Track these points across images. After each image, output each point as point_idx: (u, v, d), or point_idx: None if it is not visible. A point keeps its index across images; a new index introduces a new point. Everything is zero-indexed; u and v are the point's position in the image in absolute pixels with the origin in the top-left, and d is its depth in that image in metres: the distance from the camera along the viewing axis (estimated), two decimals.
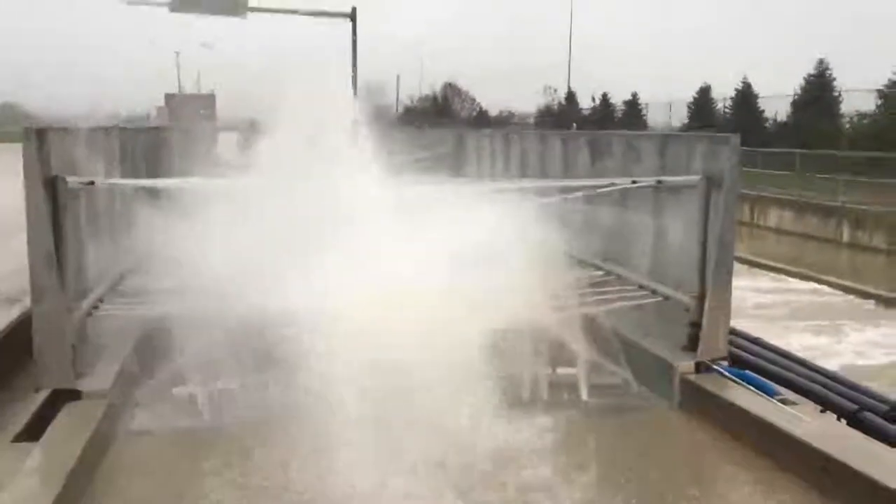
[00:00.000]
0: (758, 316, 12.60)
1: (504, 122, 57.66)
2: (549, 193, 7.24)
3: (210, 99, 50.17)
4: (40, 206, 4.93)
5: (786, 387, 7.12)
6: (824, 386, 6.98)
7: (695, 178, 6.24)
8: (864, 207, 20.55)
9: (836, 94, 35.12)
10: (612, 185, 7.10)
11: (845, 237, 20.68)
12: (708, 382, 5.87)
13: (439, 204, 6.79)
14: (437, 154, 13.58)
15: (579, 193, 7.32)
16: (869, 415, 6.43)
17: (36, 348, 4.99)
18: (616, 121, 49.62)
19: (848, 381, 7.45)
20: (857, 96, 32.61)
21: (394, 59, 64.50)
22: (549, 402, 6.09)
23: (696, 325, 6.16)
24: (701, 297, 6.14)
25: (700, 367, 6.10)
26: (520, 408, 5.73)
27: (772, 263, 17.89)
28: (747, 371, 7.08)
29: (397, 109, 68.21)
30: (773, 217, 23.51)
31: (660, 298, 6.68)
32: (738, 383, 5.98)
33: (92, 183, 5.71)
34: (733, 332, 8.90)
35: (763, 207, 24.01)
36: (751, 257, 18.10)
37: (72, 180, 5.30)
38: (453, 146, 13.56)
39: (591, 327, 6.71)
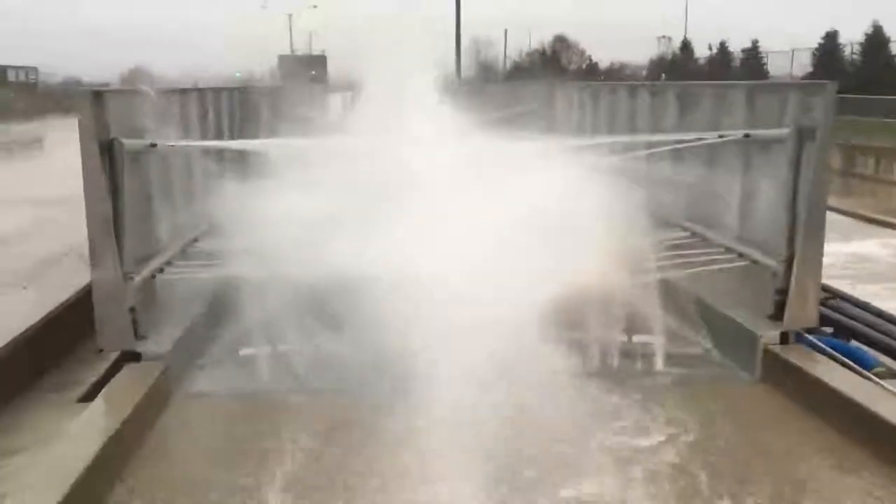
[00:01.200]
0: None
1: (615, 75, 55.98)
2: (632, 149, 6.85)
3: (321, 60, 50.70)
4: (96, 170, 4.94)
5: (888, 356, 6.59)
6: None
7: (785, 130, 5.70)
8: None
9: None
10: (700, 139, 6.63)
11: None
12: (793, 354, 5.41)
13: (514, 164, 6.56)
14: (528, 109, 13.27)
15: (662, 149, 6.89)
16: None
17: (96, 312, 5.05)
18: (734, 71, 47.28)
19: None
20: None
21: (504, 13, 63.44)
22: (620, 373, 5.78)
23: (782, 293, 5.67)
24: (789, 262, 5.64)
25: (786, 338, 5.63)
26: (587, 379, 5.46)
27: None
28: (846, 341, 6.58)
29: (505, 65, 67.43)
30: None
31: (747, 262, 6.20)
32: (831, 355, 5.51)
33: (154, 145, 5.71)
34: (840, 296, 8.34)
35: (890, 159, 22.29)
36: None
37: (129, 143, 5.29)
38: (543, 101, 13.11)
39: (672, 293, 6.33)
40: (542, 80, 21.80)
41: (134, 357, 5.18)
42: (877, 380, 5.17)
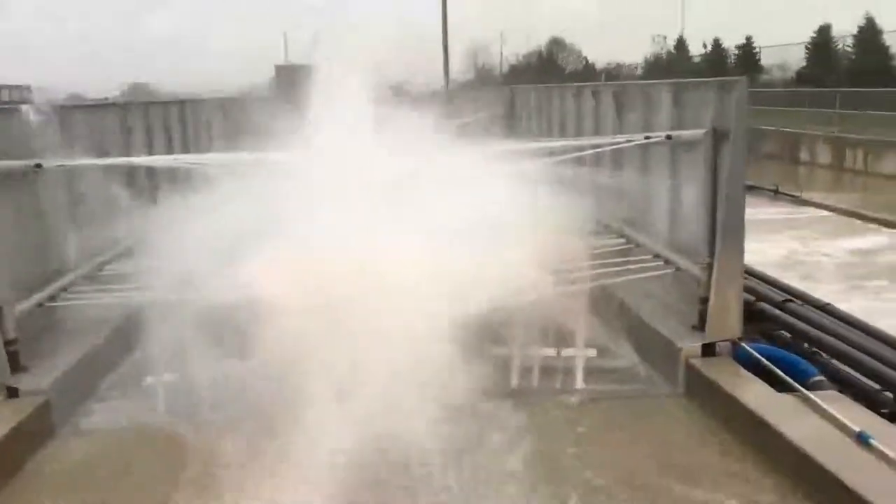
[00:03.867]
0: None
1: (611, 76, 55.64)
2: (565, 153, 6.57)
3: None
4: None
5: (843, 363, 6.28)
6: (888, 363, 6.07)
7: (700, 131, 5.40)
8: None
9: None
10: (629, 141, 6.36)
11: None
12: (713, 368, 5.10)
13: (441, 174, 6.29)
14: (491, 115, 13.01)
15: (594, 151, 6.63)
16: None
17: None
18: (729, 68, 46.84)
19: None
20: None
21: (500, 15, 63.30)
22: (537, 390, 5.48)
23: (705, 301, 5.36)
24: (710, 269, 5.34)
25: (712, 349, 5.32)
26: (500, 398, 5.17)
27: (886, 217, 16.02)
28: (782, 349, 6.26)
29: (501, 68, 67.24)
30: (891, 163, 21.41)
31: (674, 270, 5.90)
32: (762, 367, 5.19)
33: (39, 166, 5.45)
34: (800, 298, 8.03)
35: (878, 153, 21.92)
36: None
37: (4, 164, 5.03)
38: (508, 105, 12.88)
39: (602, 303, 6.05)
40: (519, 83, 21.52)
41: (11, 392, 4.90)
42: (806, 393, 4.83)
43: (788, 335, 6.94)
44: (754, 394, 4.65)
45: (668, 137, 5.83)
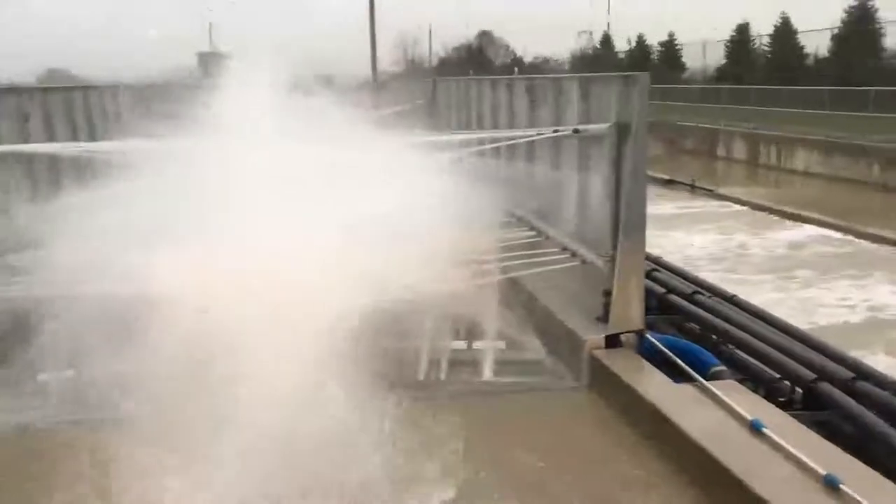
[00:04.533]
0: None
1: (538, 70, 56.13)
2: (477, 145, 6.58)
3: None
4: None
5: (746, 353, 6.44)
6: (787, 353, 6.24)
7: (604, 126, 5.45)
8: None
9: (879, 26, 32.97)
10: (540, 134, 6.39)
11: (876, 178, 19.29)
12: (615, 359, 5.15)
13: (352, 167, 6.20)
14: (413, 107, 12.97)
15: (506, 144, 6.65)
16: (826, 386, 5.69)
17: None
18: (652, 64, 47.76)
19: (819, 343, 6.68)
20: None
21: (430, 8, 63.13)
22: (445, 383, 5.45)
23: (609, 294, 5.42)
24: (613, 261, 5.40)
25: (616, 341, 5.38)
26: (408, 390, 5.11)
27: (794, 211, 16.60)
28: (687, 340, 6.40)
29: (430, 61, 67.22)
30: (801, 159, 22.17)
31: (581, 262, 5.95)
32: (665, 358, 5.27)
33: None
34: (709, 290, 8.22)
35: (790, 149, 22.68)
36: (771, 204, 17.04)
37: None
38: (430, 98, 12.83)
39: (512, 296, 6.06)
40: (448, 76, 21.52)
41: None
42: (704, 384, 4.91)
43: (697, 327, 7.11)
44: (652, 385, 4.72)
45: (576, 131, 5.87)
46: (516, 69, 42.03)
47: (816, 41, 35.49)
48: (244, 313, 4.96)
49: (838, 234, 14.63)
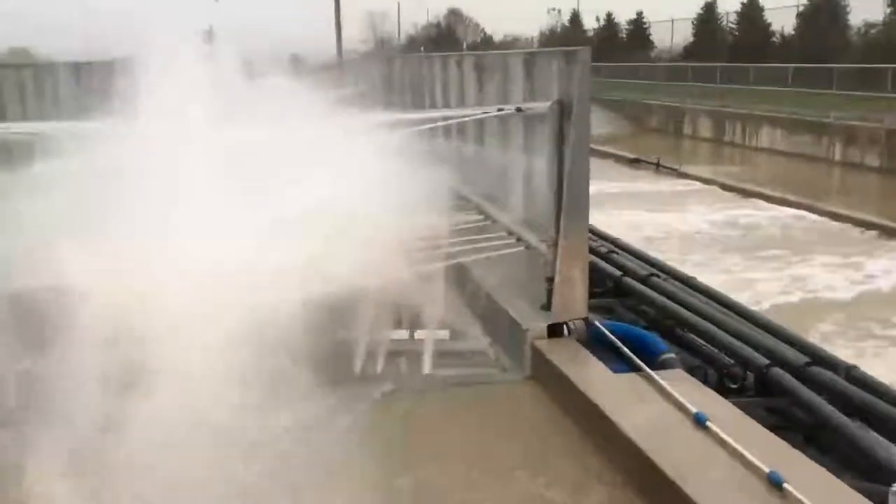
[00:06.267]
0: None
1: (507, 48, 55.79)
2: (423, 125, 6.29)
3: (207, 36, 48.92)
4: None
5: (701, 337, 6.26)
6: (742, 337, 6.06)
7: (546, 104, 5.19)
8: (855, 124, 19.08)
9: (845, 3, 33.00)
10: (485, 113, 6.14)
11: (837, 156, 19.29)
12: (556, 349, 4.92)
13: (293, 149, 5.91)
14: (370, 86, 12.63)
15: (451, 122, 6.39)
16: (778, 371, 5.52)
17: None
18: (620, 42, 47.66)
19: (776, 328, 6.53)
20: (865, 5, 30.50)
21: None
22: (382, 376, 5.19)
23: (552, 280, 5.19)
24: (556, 245, 5.15)
25: (559, 330, 5.15)
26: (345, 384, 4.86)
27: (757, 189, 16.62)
28: (636, 326, 6.20)
29: (399, 38, 66.59)
30: (765, 136, 22.13)
31: (525, 248, 5.71)
32: (611, 346, 5.05)
33: None
34: (665, 272, 8.04)
35: (755, 126, 22.62)
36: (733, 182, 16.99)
37: None
38: (384, 77, 12.50)
39: (455, 282, 5.81)
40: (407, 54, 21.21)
41: None
42: (649, 373, 4.69)
43: (652, 311, 6.92)
44: (593, 376, 4.50)
45: (519, 110, 5.62)
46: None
47: (783, 19, 35.50)
48: (161, 306, 4.68)
49: (792, 210, 14.92)
